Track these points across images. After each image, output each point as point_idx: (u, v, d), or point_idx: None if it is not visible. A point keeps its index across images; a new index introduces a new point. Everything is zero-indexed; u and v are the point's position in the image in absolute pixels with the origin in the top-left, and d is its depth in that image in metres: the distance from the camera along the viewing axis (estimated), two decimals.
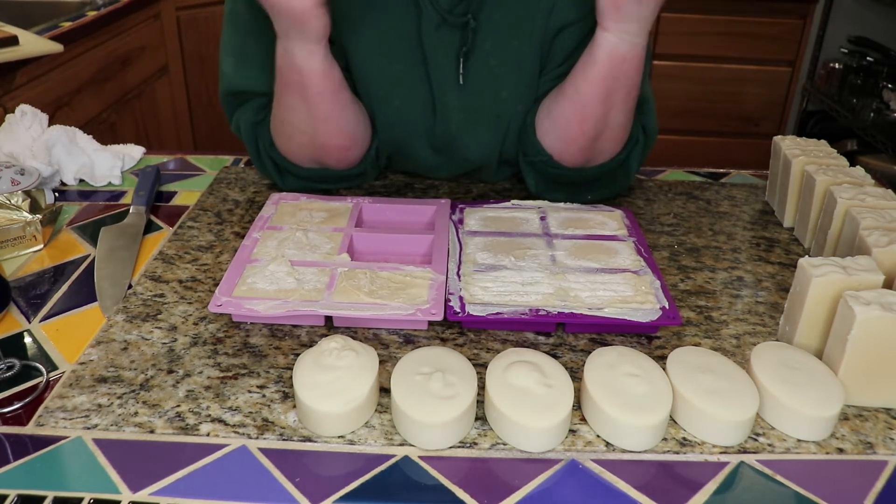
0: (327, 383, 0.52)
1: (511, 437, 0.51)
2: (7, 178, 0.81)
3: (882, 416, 0.55)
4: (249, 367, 0.59)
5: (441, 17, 0.76)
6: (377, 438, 0.52)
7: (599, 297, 0.64)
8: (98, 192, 0.89)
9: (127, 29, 1.80)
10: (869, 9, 2.54)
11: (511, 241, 0.73)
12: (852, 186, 0.72)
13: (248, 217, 0.82)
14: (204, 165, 0.96)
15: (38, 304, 0.67)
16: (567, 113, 0.76)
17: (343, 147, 0.79)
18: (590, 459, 0.51)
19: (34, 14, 1.63)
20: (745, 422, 0.52)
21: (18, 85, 1.37)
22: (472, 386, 0.52)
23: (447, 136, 0.83)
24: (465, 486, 0.48)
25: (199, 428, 0.53)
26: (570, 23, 0.77)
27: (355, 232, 0.74)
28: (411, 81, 0.80)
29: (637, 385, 0.53)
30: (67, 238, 0.78)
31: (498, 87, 0.80)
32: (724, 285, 0.71)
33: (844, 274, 0.57)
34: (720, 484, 0.49)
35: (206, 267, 0.72)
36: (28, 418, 0.54)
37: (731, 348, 0.62)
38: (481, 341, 0.62)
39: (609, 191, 0.84)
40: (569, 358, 0.61)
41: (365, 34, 0.78)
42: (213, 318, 0.64)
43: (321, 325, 0.64)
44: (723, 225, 0.82)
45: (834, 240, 0.70)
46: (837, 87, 2.47)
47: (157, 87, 2.01)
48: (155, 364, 0.59)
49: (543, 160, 0.80)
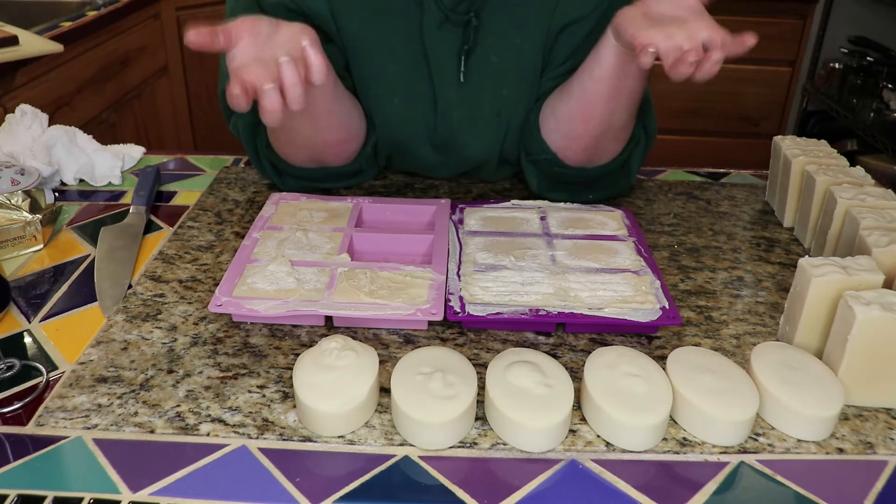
0: (327, 383, 0.52)
1: (511, 437, 0.51)
2: (7, 178, 0.81)
3: (882, 416, 0.55)
4: (249, 367, 0.59)
5: (444, 16, 0.76)
6: (377, 438, 0.52)
7: (599, 297, 0.64)
8: (98, 192, 0.89)
9: (127, 29, 1.80)
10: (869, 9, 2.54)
11: (511, 241, 0.73)
12: (852, 186, 0.72)
13: (248, 217, 0.82)
14: (204, 165, 0.96)
15: (38, 304, 0.67)
16: (573, 111, 0.76)
17: (342, 140, 0.79)
18: (590, 459, 0.51)
19: (34, 14, 1.63)
20: (745, 422, 0.52)
21: (18, 85, 1.37)
22: (472, 386, 0.52)
23: (448, 134, 0.83)
24: (465, 486, 0.48)
25: (199, 428, 0.53)
26: (573, 21, 0.77)
27: (355, 232, 0.74)
28: (412, 79, 0.80)
29: (637, 385, 0.53)
30: (67, 238, 0.78)
31: (499, 85, 0.80)
32: (724, 285, 0.71)
33: (844, 274, 0.57)
34: (720, 484, 0.49)
35: (206, 267, 0.72)
36: (28, 418, 0.54)
37: (731, 348, 0.62)
38: (481, 341, 0.62)
39: (610, 190, 0.84)
40: (569, 358, 0.61)
41: (366, 32, 0.78)
42: (213, 318, 0.64)
43: (321, 325, 0.64)
44: (723, 225, 0.82)
45: (834, 240, 0.70)
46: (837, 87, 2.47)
47: (157, 87, 2.01)
48: (155, 364, 0.59)
49: (547, 158, 0.80)
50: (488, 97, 0.81)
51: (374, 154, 0.86)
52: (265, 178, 0.89)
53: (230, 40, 0.60)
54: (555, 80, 0.80)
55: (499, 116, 0.82)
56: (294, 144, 0.79)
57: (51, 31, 1.48)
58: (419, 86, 0.80)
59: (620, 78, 0.71)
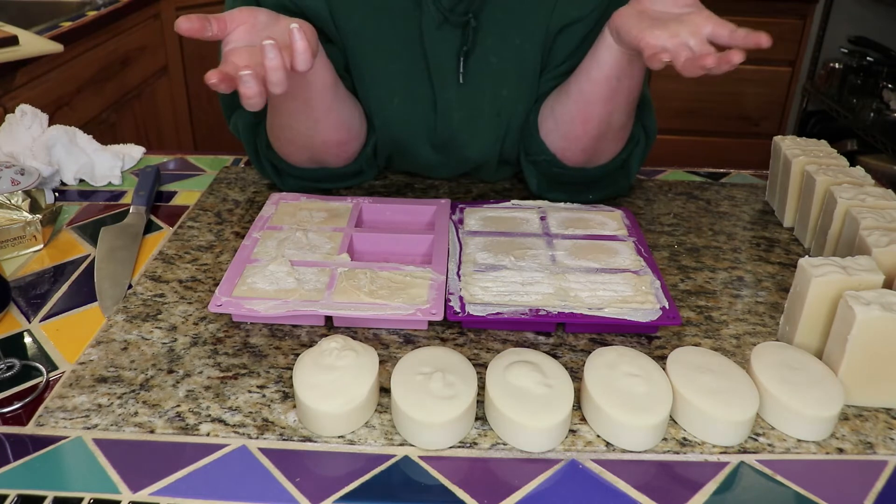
0: (327, 383, 0.52)
1: (511, 437, 0.51)
2: (7, 178, 0.81)
3: (882, 416, 0.55)
4: (249, 367, 0.59)
5: (443, 17, 0.76)
6: (377, 438, 0.52)
7: (599, 297, 0.64)
8: (98, 192, 0.89)
9: (127, 29, 1.80)
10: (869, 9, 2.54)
11: (511, 241, 0.73)
12: (852, 186, 0.72)
13: (248, 217, 0.82)
14: (204, 165, 0.96)
15: (38, 304, 0.67)
16: (571, 112, 0.76)
17: (342, 141, 0.79)
18: (590, 459, 0.51)
19: (34, 14, 1.63)
20: (745, 422, 0.52)
21: (18, 85, 1.37)
22: (472, 386, 0.52)
23: (447, 135, 0.83)
24: (465, 486, 0.48)
25: (199, 428, 0.53)
26: (572, 21, 0.77)
27: (355, 232, 0.74)
28: (412, 80, 0.80)
29: (637, 385, 0.53)
30: (67, 238, 0.78)
31: (498, 86, 0.80)
32: (724, 285, 0.71)
33: (844, 274, 0.57)
34: (720, 484, 0.49)
35: (206, 267, 0.72)
36: (28, 418, 0.54)
37: (731, 348, 0.62)
38: (481, 341, 0.62)
39: (610, 190, 0.84)
40: (569, 358, 0.61)
41: (366, 33, 0.78)
42: (213, 318, 0.64)
43: (321, 325, 0.64)
44: (723, 225, 0.82)
45: (834, 240, 0.70)
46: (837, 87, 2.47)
47: (157, 87, 2.01)
48: (155, 364, 0.59)
49: (547, 159, 0.80)
50: (488, 98, 0.81)
51: (374, 154, 0.86)
52: (265, 178, 0.89)
53: (224, 28, 0.61)
54: (554, 81, 0.80)
55: (499, 117, 0.82)
56: (294, 144, 0.79)
57: (51, 31, 1.48)
58: (419, 86, 0.80)
59: (619, 79, 0.71)
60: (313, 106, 0.74)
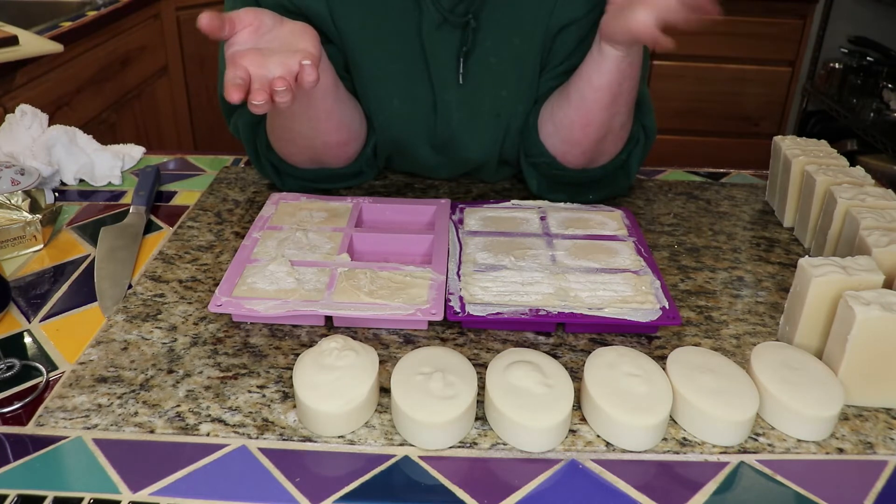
0: (327, 383, 0.52)
1: (511, 437, 0.51)
2: (7, 178, 0.81)
3: (882, 416, 0.55)
4: (249, 367, 0.59)
5: (442, 17, 0.76)
6: (377, 438, 0.52)
7: (599, 297, 0.64)
8: (98, 192, 0.89)
9: (127, 29, 1.80)
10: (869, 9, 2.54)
11: (511, 241, 0.73)
12: (852, 186, 0.72)
13: (248, 217, 0.82)
14: (204, 165, 0.96)
15: (38, 304, 0.67)
16: (571, 118, 0.76)
17: (342, 142, 0.79)
18: (590, 459, 0.51)
19: (34, 14, 1.63)
20: (745, 422, 0.52)
21: (18, 85, 1.37)
22: (472, 386, 0.52)
23: (447, 136, 0.83)
24: (465, 486, 0.48)
25: (199, 428, 0.53)
26: (571, 21, 0.77)
27: (355, 232, 0.74)
28: (411, 80, 0.80)
29: (637, 385, 0.53)
30: (67, 238, 0.78)
31: (498, 86, 0.80)
32: (724, 285, 0.71)
33: (844, 274, 0.57)
34: (720, 484, 0.49)
35: (206, 267, 0.72)
36: (28, 418, 0.54)
37: (731, 348, 0.62)
38: (481, 341, 0.62)
39: (610, 190, 0.84)
40: (569, 358, 0.61)
41: (365, 34, 0.78)
42: (213, 318, 0.64)
43: (321, 325, 0.64)
44: (723, 225, 0.82)
45: (834, 240, 0.70)
46: (837, 87, 2.47)
47: (157, 87, 2.01)
48: (155, 364, 0.59)
49: (547, 161, 0.80)
50: (488, 98, 0.81)
51: (374, 155, 0.86)
52: (265, 178, 0.89)
53: (233, 29, 0.61)
54: (553, 81, 0.80)
55: (498, 117, 0.82)
56: (294, 145, 0.79)
57: (51, 31, 1.48)
58: (418, 87, 0.80)
59: (620, 83, 0.72)
60: (314, 108, 0.74)
